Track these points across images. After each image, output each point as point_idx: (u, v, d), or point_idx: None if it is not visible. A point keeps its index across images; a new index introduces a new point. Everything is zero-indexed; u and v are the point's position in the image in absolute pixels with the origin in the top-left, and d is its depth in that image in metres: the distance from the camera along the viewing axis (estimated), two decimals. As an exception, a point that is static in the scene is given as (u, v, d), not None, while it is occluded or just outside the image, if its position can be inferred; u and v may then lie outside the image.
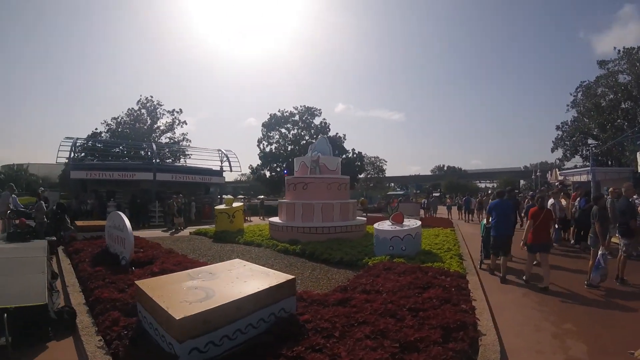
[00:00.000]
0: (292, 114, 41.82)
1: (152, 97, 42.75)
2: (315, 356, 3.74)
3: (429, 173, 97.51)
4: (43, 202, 13.13)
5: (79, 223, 13.46)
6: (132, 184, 25.42)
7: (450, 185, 63.31)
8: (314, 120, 41.90)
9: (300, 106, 42.00)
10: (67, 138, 25.23)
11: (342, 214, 13.47)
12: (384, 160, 53.96)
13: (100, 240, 10.36)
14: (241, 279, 4.81)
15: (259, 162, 41.33)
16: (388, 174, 64.81)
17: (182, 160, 39.26)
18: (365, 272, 7.51)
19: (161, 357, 3.69)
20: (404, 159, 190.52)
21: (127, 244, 7.85)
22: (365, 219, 15.08)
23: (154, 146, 29.36)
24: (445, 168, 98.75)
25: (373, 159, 53.09)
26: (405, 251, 9.22)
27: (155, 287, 4.45)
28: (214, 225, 16.89)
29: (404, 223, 9.92)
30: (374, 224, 10.52)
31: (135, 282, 4.90)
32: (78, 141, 27.93)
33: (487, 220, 9.01)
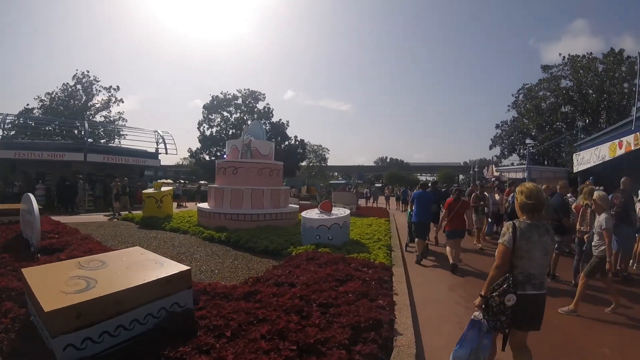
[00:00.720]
0: (235, 97, 40.43)
1: (88, 72, 39.72)
2: (201, 358, 3.19)
3: (373, 164, 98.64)
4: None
5: None
6: (63, 165, 23.98)
7: (392, 177, 63.92)
8: (257, 105, 40.75)
9: (244, 89, 40.71)
10: None
11: (272, 201, 12.82)
12: (326, 148, 53.78)
13: (16, 225, 9.53)
14: (132, 269, 4.15)
15: (199, 145, 39.68)
16: (331, 163, 65.19)
17: (117, 141, 36.75)
18: (285, 262, 6.94)
19: (41, 352, 3.27)
20: (349, 150, 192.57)
21: (35, 229, 7.29)
22: (297, 207, 14.47)
23: (87, 125, 27.66)
24: (388, 160, 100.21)
25: (316, 147, 52.48)
26: (332, 241, 8.75)
27: (40, 276, 3.93)
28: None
29: (332, 212, 9.43)
30: (302, 212, 9.96)
31: (22, 269, 4.22)
32: (7, 118, 26.23)
33: (410, 208, 10.10)
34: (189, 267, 4.21)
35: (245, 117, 40.56)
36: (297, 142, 39.93)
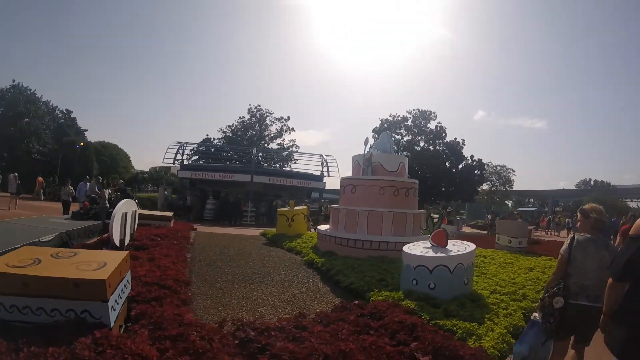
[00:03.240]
0: (405, 119, 38.35)
1: (259, 105, 44.41)
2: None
3: (574, 188, 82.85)
4: (118, 192, 15.36)
5: (142, 212, 12.97)
6: (233, 185, 27.15)
7: (595, 203, 51.62)
8: (428, 124, 37.73)
9: (414, 109, 38.29)
10: (175, 142, 28.41)
11: (395, 226, 10.19)
12: (511, 169, 46.00)
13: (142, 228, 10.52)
14: (69, 264, 3.80)
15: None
16: (523, 187, 56.54)
17: (289, 165, 39.14)
18: (322, 316, 4.80)
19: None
20: (546, 173, 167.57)
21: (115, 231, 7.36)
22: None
23: (255, 150, 30.87)
24: (592, 183, 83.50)
25: (499, 168, 45.69)
26: (434, 291, 5.85)
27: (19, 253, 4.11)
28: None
29: (447, 247, 6.44)
30: (406, 245, 7.09)
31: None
32: (187, 146, 31.43)
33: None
34: (103, 279, 3.42)
35: (418, 138, 38.10)
36: (473, 162, 35.43)
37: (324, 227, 11.99)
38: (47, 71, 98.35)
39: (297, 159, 36.60)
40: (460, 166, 35.69)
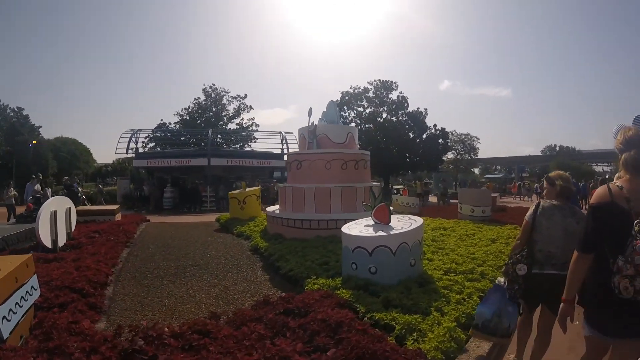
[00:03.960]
0: (366, 90, 37.09)
1: (214, 84, 42.51)
2: None
3: (539, 154, 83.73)
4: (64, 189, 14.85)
5: (81, 209, 12.63)
6: (191, 170, 25.90)
7: (560, 168, 51.50)
8: (390, 95, 36.71)
9: (375, 80, 37.05)
10: (128, 130, 26.82)
11: (344, 202, 9.26)
12: (475, 137, 45.05)
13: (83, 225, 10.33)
14: None
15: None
16: (492, 154, 56.68)
17: (249, 145, 37.70)
18: (238, 315, 3.98)
19: None
20: (513, 141, 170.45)
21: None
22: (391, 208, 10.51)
23: (210, 131, 29.19)
24: (557, 148, 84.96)
25: (463, 136, 45.02)
26: (376, 275, 4.95)
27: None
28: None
29: (391, 224, 5.51)
30: (347, 223, 6.14)
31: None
32: (142, 133, 29.35)
33: None
34: None
35: (380, 110, 37.08)
36: (436, 131, 34.80)
37: (272, 208, 11.01)
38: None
39: (257, 138, 35.12)
40: (424, 136, 35.04)
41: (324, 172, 9.50)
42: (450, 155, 43.48)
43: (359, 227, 5.62)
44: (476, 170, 74.51)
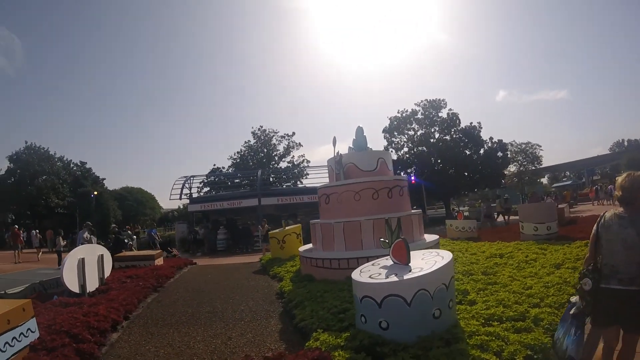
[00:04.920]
0: (414, 112, 35.77)
1: (262, 126, 43.50)
2: None
3: (608, 152, 74.52)
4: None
5: (121, 254, 13.44)
6: (243, 211, 26.70)
7: (631, 164, 43.41)
8: (439, 113, 35.17)
9: (422, 101, 35.71)
10: (181, 177, 27.91)
11: (378, 236, 8.15)
12: (537, 145, 41.07)
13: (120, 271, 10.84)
14: None
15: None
16: (555, 161, 51.45)
17: (302, 182, 37.60)
18: None
19: None
20: (579, 142, 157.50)
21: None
22: (435, 238, 9.30)
23: (260, 172, 29.53)
24: (625, 143, 75.45)
25: (524, 145, 41.70)
26: (388, 331, 3.98)
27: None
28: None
29: (410, 264, 4.51)
30: (362, 265, 5.20)
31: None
32: (196, 178, 31.00)
33: None
34: None
35: (432, 130, 35.56)
36: (494, 145, 32.63)
37: (305, 247, 10.20)
38: (58, 128, 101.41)
39: (308, 174, 35.31)
40: (481, 152, 32.97)
41: (353, 204, 8.61)
42: (512, 168, 40.54)
43: (373, 270, 4.68)
44: (544, 180, 69.19)
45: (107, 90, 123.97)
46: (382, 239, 5.22)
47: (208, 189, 37.30)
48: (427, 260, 4.50)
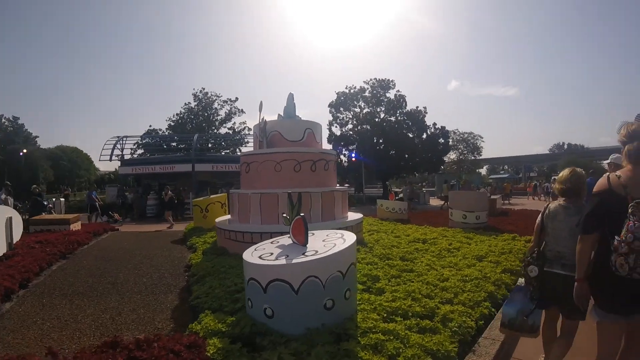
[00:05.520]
0: (362, 90, 35.21)
1: (203, 88, 41.93)
2: None
3: (547, 152, 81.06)
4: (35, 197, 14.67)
5: (36, 218, 12.68)
6: (177, 177, 25.02)
7: (568, 166, 49.55)
8: (387, 94, 34.79)
9: (372, 79, 35.14)
10: (113, 137, 26.22)
11: (325, 209, 7.82)
12: (479, 136, 42.23)
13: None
14: None
15: (330, 148, 35.67)
16: (499, 154, 53.99)
17: (243, 150, 36.20)
18: None
19: None
20: (523, 140, 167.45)
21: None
22: (359, 217, 8.77)
23: (195, 137, 28.01)
24: (565, 146, 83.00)
25: (466, 135, 42.63)
26: (273, 320, 3.39)
27: None
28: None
29: (308, 244, 3.84)
30: (263, 242, 4.51)
31: None
32: (130, 139, 28.94)
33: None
34: None
35: (378, 110, 35.19)
36: (436, 131, 32.83)
37: (221, 219, 9.38)
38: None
39: (248, 142, 34.04)
40: (423, 136, 33.10)
41: (273, 175, 7.85)
42: (453, 156, 41.21)
43: (268, 249, 3.97)
44: (483, 171, 72.00)
45: (39, 34, 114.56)
46: (284, 215, 4.51)
47: (142, 151, 35.31)
48: (327, 243, 3.85)
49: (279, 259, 3.49)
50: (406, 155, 32.65)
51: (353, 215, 8.77)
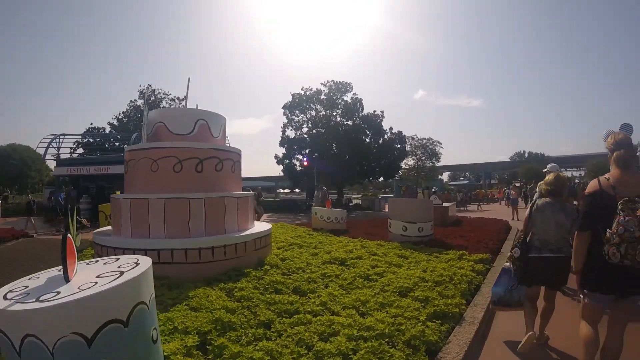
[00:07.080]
0: (318, 92, 33.82)
1: (150, 85, 40.28)
2: None
3: (508, 160, 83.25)
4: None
5: None
6: (114, 179, 22.44)
7: (528, 174, 51.60)
8: (344, 97, 33.53)
9: (329, 81, 33.83)
10: (49, 135, 24.97)
11: (169, 222, 5.92)
12: (437, 142, 41.83)
13: None
14: None
15: (284, 151, 34.02)
16: (462, 162, 53.97)
17: None
18: None
19: None
20: (486, 149, 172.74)
21: None
22: (267, 228, 7.18)
23: (134, 136, 26.15)
24: (526, 155, 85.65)
25: (424, 140, 41.66)
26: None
27: None
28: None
29: (70, 280, 2.19)
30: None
31: None
32: (67, 138, 27.39)
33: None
34: None
35: (334, 113, 33.80)
36: (393, 135, 31.76)
37: (101, 229, 7.61)
38: None
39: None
40: (380, 141, 32.04)
41: (149, 176, 6.20)
42: (411, 162, 40.31)
43: (34, 284, 2.29)
44: (445, 178, 72.28)
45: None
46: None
47: (83, 151, 32.95)
48: (106, 277, 2.23)
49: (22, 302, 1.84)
50: (363, 161, 31.51)
51: (260, 227, 7.19)
